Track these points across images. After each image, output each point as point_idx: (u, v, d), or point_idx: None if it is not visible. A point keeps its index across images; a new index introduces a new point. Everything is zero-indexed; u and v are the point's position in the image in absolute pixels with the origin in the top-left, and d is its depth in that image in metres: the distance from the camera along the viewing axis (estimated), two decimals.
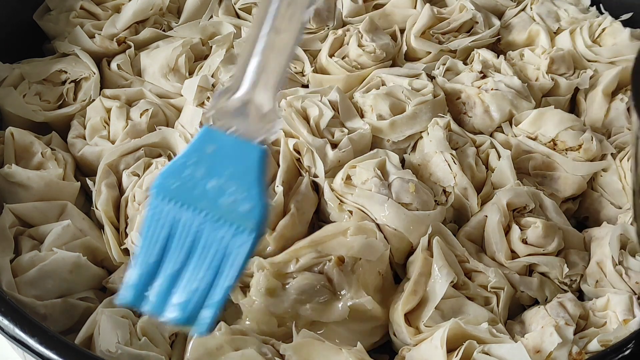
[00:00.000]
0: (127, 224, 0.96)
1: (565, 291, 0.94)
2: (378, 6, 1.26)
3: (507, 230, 0.95)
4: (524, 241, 0.93)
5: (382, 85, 1.09)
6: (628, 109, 1.13)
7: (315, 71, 1.14)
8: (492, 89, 1.08)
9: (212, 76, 1.09)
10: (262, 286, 0.87)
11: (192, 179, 0.73)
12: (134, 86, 1.13)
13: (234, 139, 0.75)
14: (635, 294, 0.89)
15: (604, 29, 1.20)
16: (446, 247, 0.92)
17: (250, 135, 0.75)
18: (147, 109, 1.07)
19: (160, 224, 0.74)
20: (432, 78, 1.12)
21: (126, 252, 0.95)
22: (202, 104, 1.05)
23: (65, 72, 1.13)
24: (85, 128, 1.07)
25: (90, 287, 0.92)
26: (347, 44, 1.15)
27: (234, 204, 0.72)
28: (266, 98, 0.76)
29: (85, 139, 1.06)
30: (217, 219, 0.72)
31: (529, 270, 0.94)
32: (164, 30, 1.22)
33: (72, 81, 1.13)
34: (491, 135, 1.09)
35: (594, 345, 0.82)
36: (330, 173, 1.00)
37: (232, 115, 0.75)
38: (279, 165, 0.98)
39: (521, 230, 0.94)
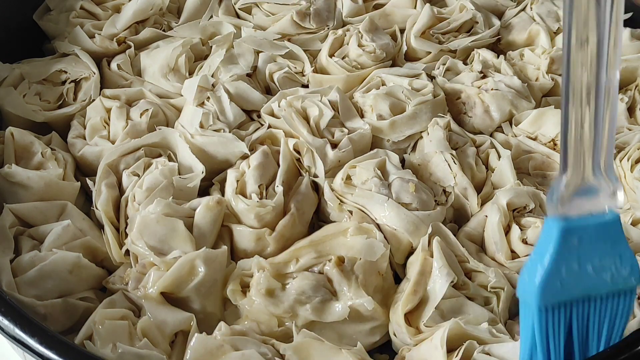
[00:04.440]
0: (127, 224, 0.96)
1: None
2: (378, 6, 1.26)
3: (507, 230, 0.95)
4: (524, 241, 0.93)
5: (382, 85, 1.09)
6: (628, 109, 1.13)
7: (315, 71, 1.14)
8: (492, 89, 1.08)
9: (212, 76, 1.09)
10: (262, 286, 0.87)
11: (572, 274, 0.73)
12: (134, 86, 1.13)
13: (591, 221, 0.73)
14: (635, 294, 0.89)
15: None
16: (446, 247, 0.91)
17: (600, 209, 0.74)
18: (147, 109, 1.06)
19: (557, 331, 0.74)
20: (432, 78, 1.12)
21: (126, 252, 0.95)
22: (202, 104, 1.05)
23: (65, 72, 1.13)
24: (85, 128, 1.07)
25: (90, 287, 0.92)
26: (347, 44, 1.15)
27: (616, 274, 0.75)
28: (603, 168, 0.72)
29: (85, 139, 1.06)
30: (606, 294, 0.75)
31: None
32: (164, 30, 1.22)
33: (72, 81, 1.13)
34: (491, 135, 1.09)
35: None
36: (330, 173, 1.00)
37: (577, 199, 0.73)
38: (279, 165, 0.98)
39: (521, 230, 0.94)
